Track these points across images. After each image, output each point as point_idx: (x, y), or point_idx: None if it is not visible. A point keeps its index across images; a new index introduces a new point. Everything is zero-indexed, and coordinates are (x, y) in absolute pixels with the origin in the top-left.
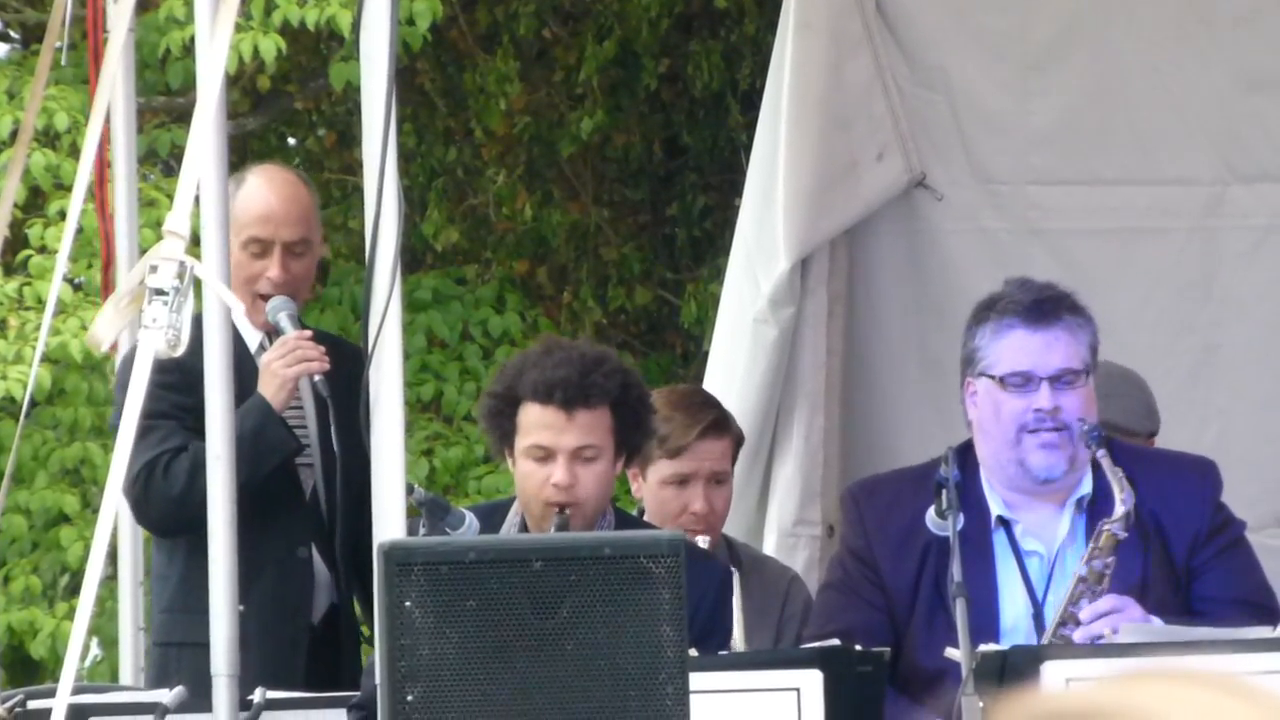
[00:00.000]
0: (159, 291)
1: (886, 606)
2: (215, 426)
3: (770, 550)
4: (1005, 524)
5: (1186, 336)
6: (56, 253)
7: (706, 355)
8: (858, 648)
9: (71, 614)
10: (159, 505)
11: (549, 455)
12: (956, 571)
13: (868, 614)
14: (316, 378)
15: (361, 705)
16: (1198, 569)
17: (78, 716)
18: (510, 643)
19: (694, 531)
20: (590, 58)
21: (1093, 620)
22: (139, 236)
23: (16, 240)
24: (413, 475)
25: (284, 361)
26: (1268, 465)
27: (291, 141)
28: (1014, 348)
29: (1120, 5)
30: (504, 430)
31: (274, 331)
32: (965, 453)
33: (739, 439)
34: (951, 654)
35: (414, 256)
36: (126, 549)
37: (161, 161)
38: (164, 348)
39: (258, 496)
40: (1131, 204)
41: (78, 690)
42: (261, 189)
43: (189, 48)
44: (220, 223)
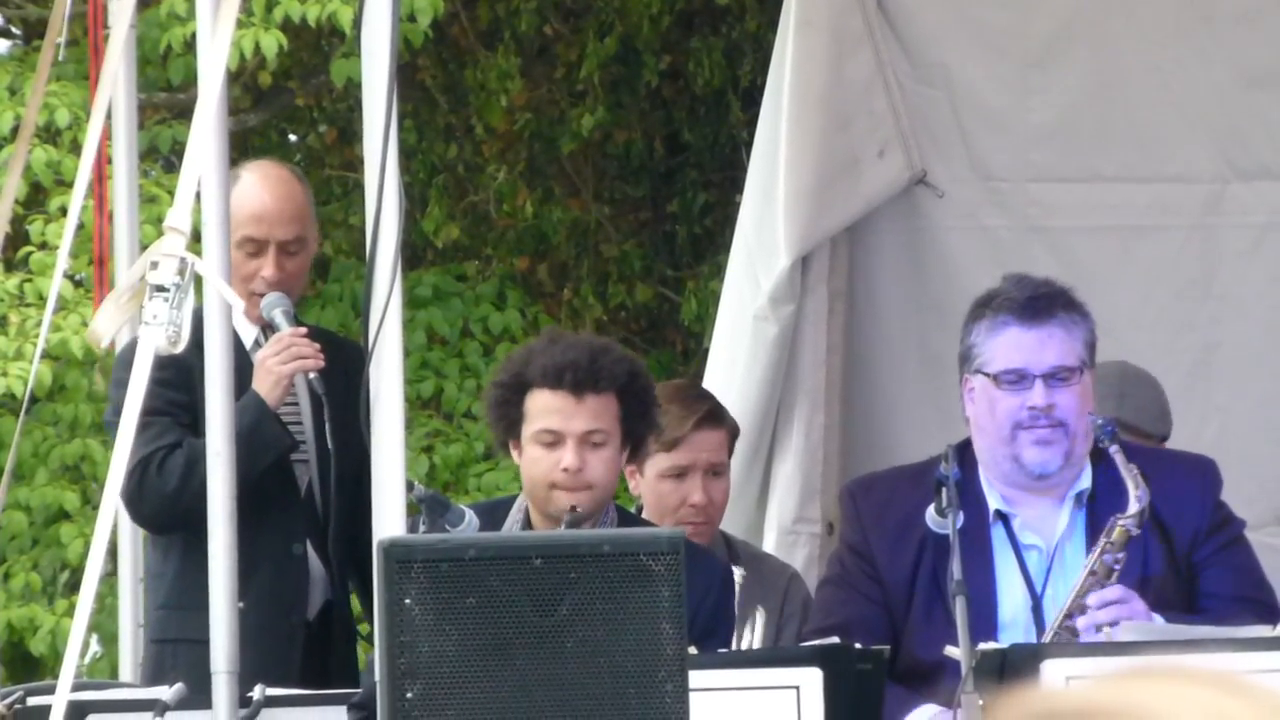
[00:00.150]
0: (160, 288)
1: (884, 600)
2: (215, 423)
3: (770, 548)
4: (1003, 518)
5: (1186, 334)
6: (57, 249)
7: (707, 352)
8: (857, 646)
9: (71, 611)
10: (153, 502)
11: (558, 440)
12: (957, 569)
13: (865, 608)
14: (312, 375)
15: (362, 705)
16: (1198, 566)
17: (77, 713)
18: (510, 640)
19: (693, 524)
20: (591, 54)
21: (1100, 607)
22: (140, 233)
23: (17, 236)
24: (413, 472)
25: (279, 359)
26: (1267, 463)
27: (292, 138)
28: (1008, 345)
29: (1120, 2)
30: (511, 419)
31: (269, 327)
32: (964, 449)
33: (734, 431)
34: (951, 652)
35: (414, 253)
36: (126, 546)
37: (162, 158)
38: (164, 344)
39: (253, 493)
40: (1131, 201)
41: (77, 687)
42: (255, 187)
43: (190, 44)
44: (221, 219)
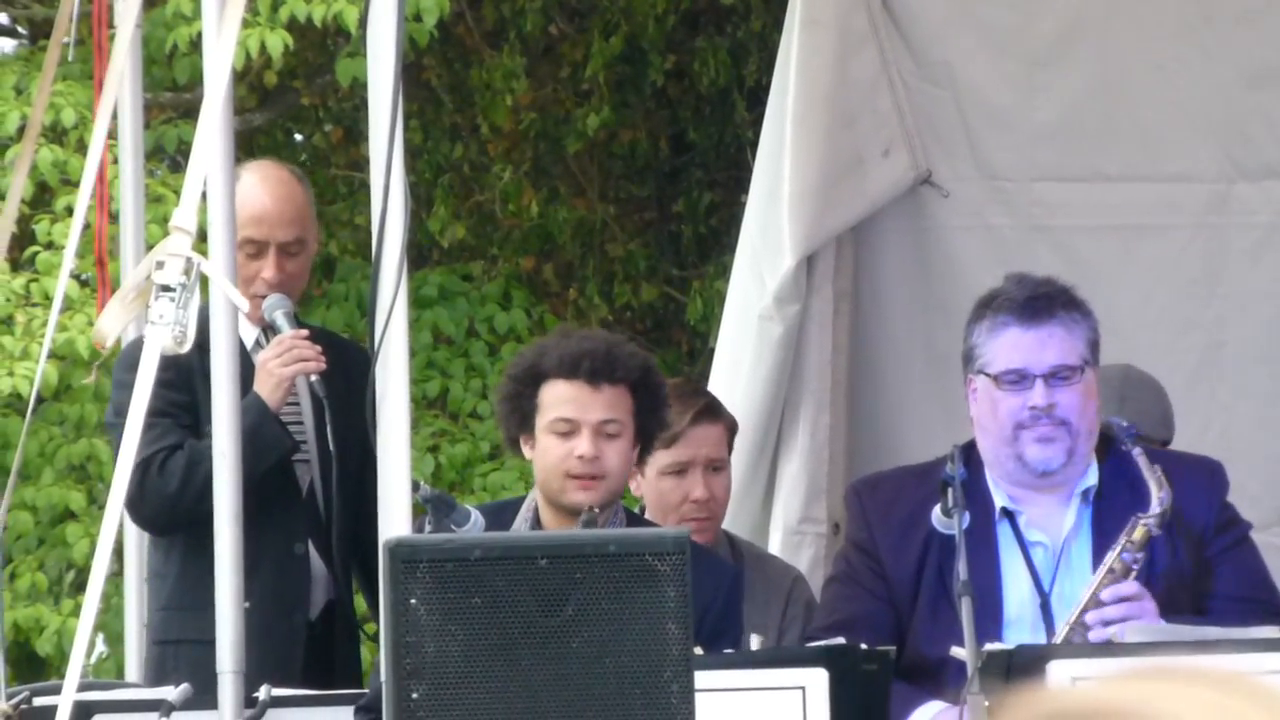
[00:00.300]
0: (165, 287)
1: (889, 597)
2: (221, 424)
3: (775, 548)
4: (1009, 515)
5: (1190, 333)
6: (63, 249)
7: (712, 352)
8: (863, 646)
9: (77, 611)
10: (154, 503)
11: (574, 429)
12: (962, 570)
13: (870, 604)
14: (313, 377)
15: (370, 706)
16: (1204, 567)
17: (83, 713)
18: (515, 640)
19: (696, 519)
20: (597, 54)
21: (1114, 602)
22: (146, 232)
23: (24, 236)
24: (418, 472)
25: (280, 361)
26: (1272, 462)
27: (298, 137)
28: (1008, 345)
29: (1125, 2)
30: (524, 412)
31: (270, 329)
32: (970, 449)
33: (732, 426)
34: (957, 653)
35: (420, 253)
36: (132, 545)
37: (168, 157)
38: (170, 344)
39: (254, 493)
40: (1136, 201)
41: (83, 687)
42: (256, 189)
43: (196, 43)
44: (227, 219)
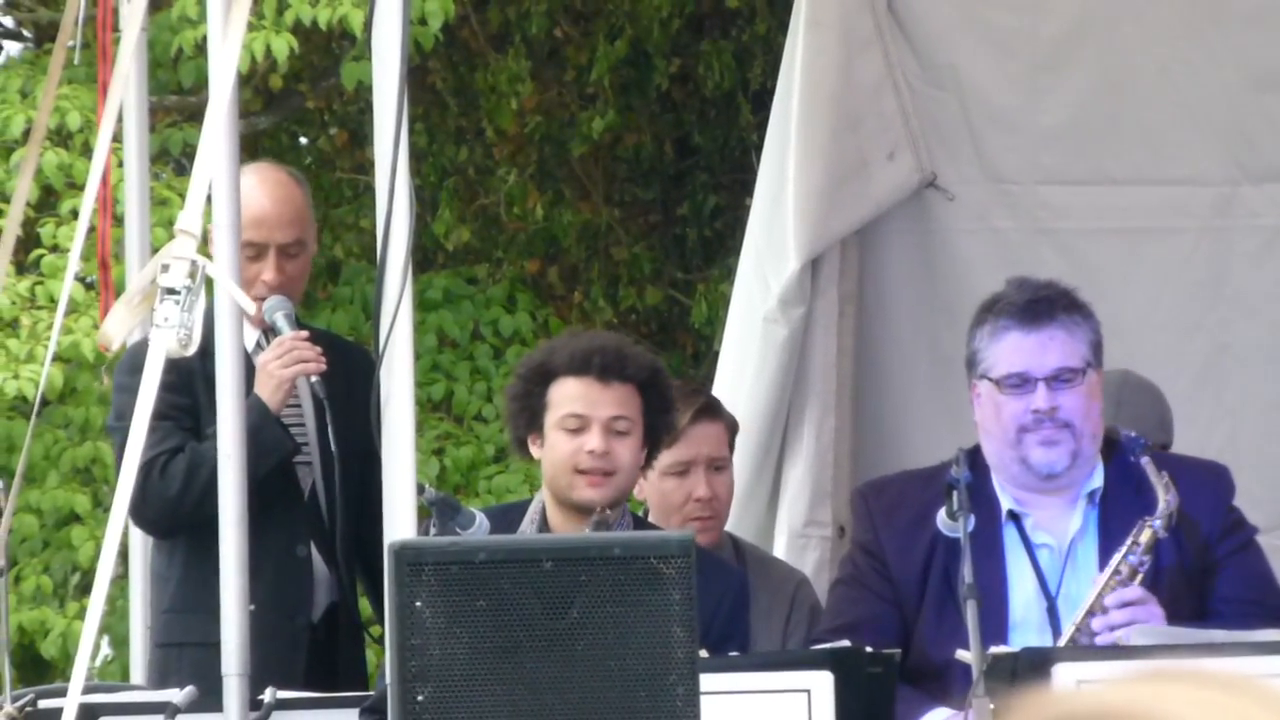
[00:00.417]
0: (171, 290)
1: (895, 599)
2: (226, 425)
3: (781, 551)
4: (1015, 518)
5: (1196, 336)
6: (68, 252)
7: (717, 355)
8: (868, 649)
9: (82, 613)
10: (156, 506)
11: (584, 425)
12: (968, 573)
13: (877, 606)
14: (314, 378)
15: (375, 708)
16: (1210, 570)
17: (88, 716)
18: (520, 643)
19: (700, 519)
20: (601, 57)
21: (1119, 607)
22: (150, 236)
23: (29, 239)
24: (423, 475)
25: (280, 362)
26: (1277, 465)
27: (303, 140)
28: (1009, 349)
29: (1130, 4)
30: (533, 410)
31: (270, 331)
32: (976, 452)
33: (733, 426)
34: (962, 656)
35: (425, 256)
36: (137, 548)
37: (173, 160)
38: (176, 347)
39: (255, 495)
40: (1141, 204)
41: (88, 689)
42: (255, 191)
43: (201, 47)
44: (232, 222)
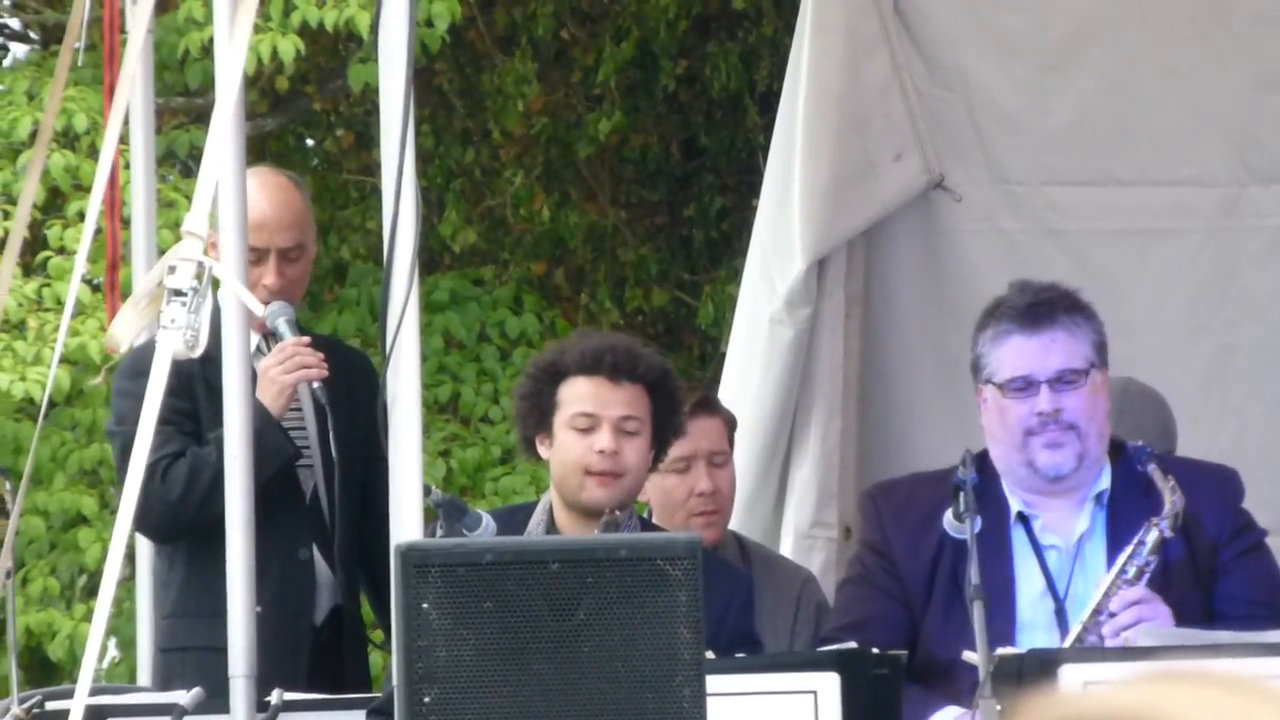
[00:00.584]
0: (177, 292)
1: (903, 598)
2: (233, 427)
3: (787, 552)
4: (1024, 520)
5: (1202, 337)
6: (75, 254)
7: (723, 356)
8: (874, 651)
9: (89, 615)
10: (157, 510)
11: (594, 424)
12: (974, 574)
13: (885, 605)
14: (315, 385)
15: (381, 709)
16: (1217, 572)
17: (95, 717)
18: (527, 644)
19: (704, 514)
20: (608, 59)
21: (1123, 608)
22: (157, 238)
23: (35, 241)
24: (429, 476)
25: (282, 368)
26: None
27: (310, 142)
28: (1012, 353)
29: (1137, 5)
30: (543, 410)
31: (271, 336)
32: (985, 456)
33: (730, 422)
34: (969, 657)
35: (431, 258)
36: (144, 550)
37: (180, 162)
38: (182, 349)
39: (258, 499)
40: (1148, 205)
41: (95, 691)
42: (254, 195)
43: (208, 48)
44: (239, 224)
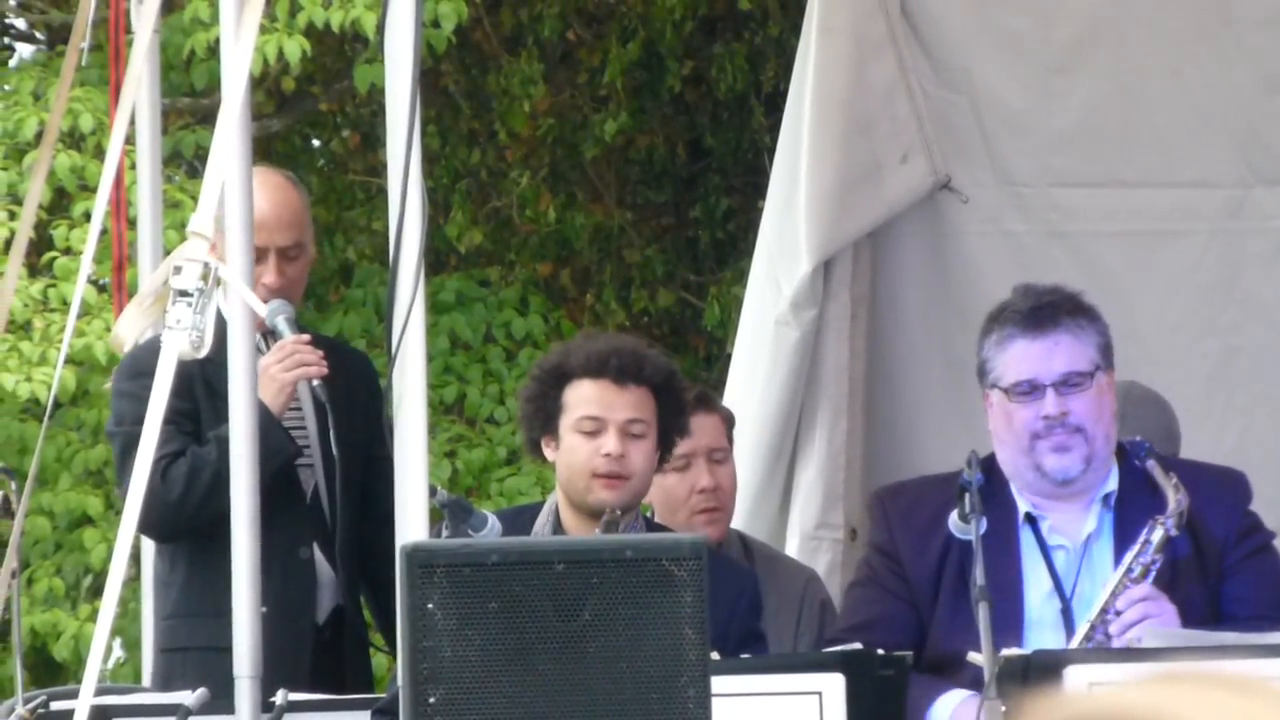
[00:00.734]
0: (183, 292)
1: (910, 598)
2: (238, 426)
3: (792, 554)
4: (1032, 520)
5: (1207, 339)
6: (81, 254)
7: (729, 358)
8: (880, 651)
9: (94, 616)
10: (158, 510)
11: (600, 428)
12: (979, 576)
13: (893, 605)
14: (315, 383)
15: (386, 709)
16: (1224, 574)
17: (100, 718)
18: (532, 645)
19: (706, 510)
20: (614, 60)
21: (1129, 606)
22: (163, 238)
23: (41, 242)
24: (435, 477)
25: (282, 366)
26: None
27: (315, 143)
28: (1016, 357)
29: (1142, 7)
30: (549, 412)
31: (271, 334)
32: (993, 457)
33: (729, 419)
34: (974, 658)
35: (437, 258)
36: (149, 551)
37: (186, 163)
38: (188, 349)
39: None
40: (1153, 206)
41: (100, 691)
42: (254, 194)
43: (214, 49)
44: (245, 224)
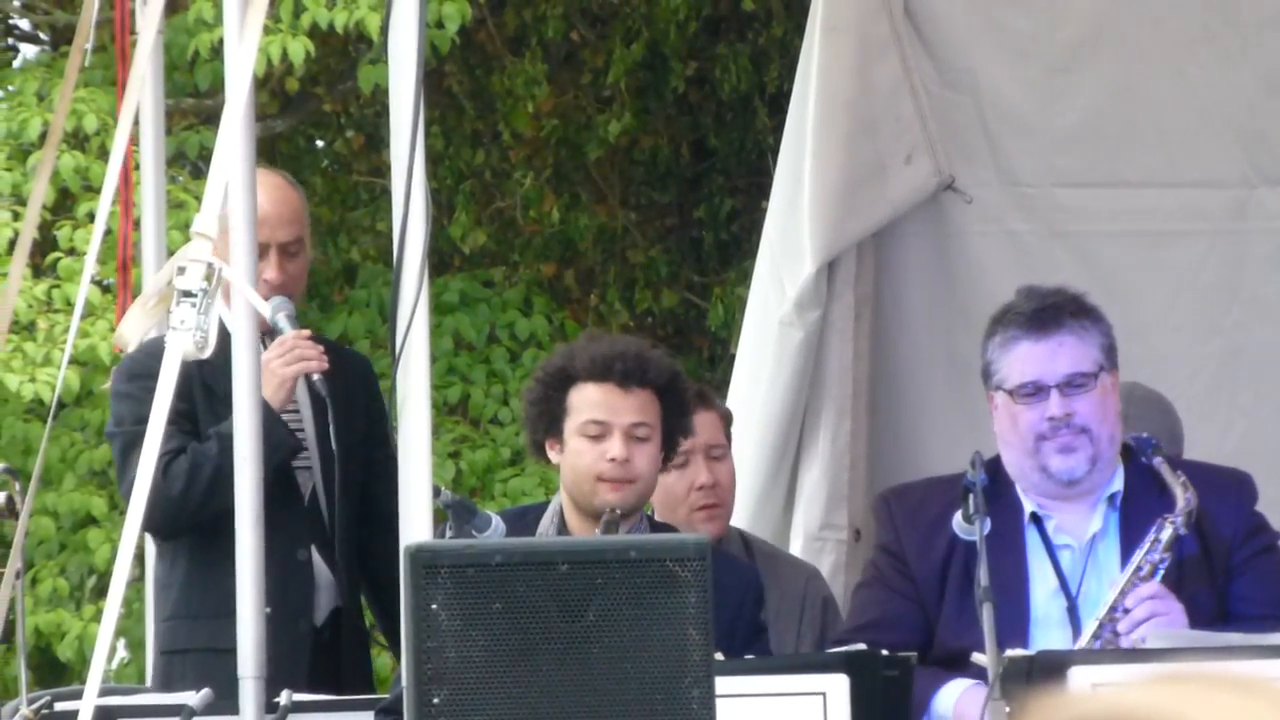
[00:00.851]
0: (187, 293)
1: (917, 598)
2: (243, 426)
3: (796, 554)
4: (1038, 520)
5: (1211, 339)
6: (85, 255)
7: (733, 358)
8: (884, 652)
9: (98, 616)
10: (160, 506)
11: (605, 431)
12: (983, 576)
13: (899, 605)
14: (315, 377)
15: (389, 709)
16: (1230, 574)
17: (104, 718)
18: (536, 645)
19: (706, 507)
20: (618, 60)
21: (1137, 605)
22: (167, 238)
23: (45, 242)
24: (439, 478)
25: (282, 361)
26: None
27: (319, 144)
28: (1020, 359)
29: (1146, 7)
30: (553, 415)
31: (271, 331)
32: (998, 458)
33: (726, 416)
34: (978, 659)
35: (441, 259)
36: (153, 551)
37: (190, 163)
38: (192, 349)
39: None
40: (1157, 207)
41: (104, 692)
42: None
43: (218, 50)
44: (248, 224)
